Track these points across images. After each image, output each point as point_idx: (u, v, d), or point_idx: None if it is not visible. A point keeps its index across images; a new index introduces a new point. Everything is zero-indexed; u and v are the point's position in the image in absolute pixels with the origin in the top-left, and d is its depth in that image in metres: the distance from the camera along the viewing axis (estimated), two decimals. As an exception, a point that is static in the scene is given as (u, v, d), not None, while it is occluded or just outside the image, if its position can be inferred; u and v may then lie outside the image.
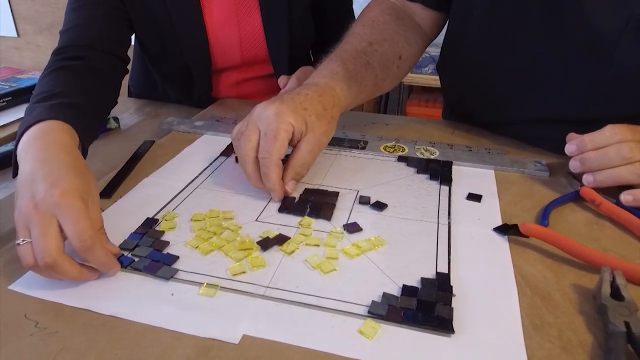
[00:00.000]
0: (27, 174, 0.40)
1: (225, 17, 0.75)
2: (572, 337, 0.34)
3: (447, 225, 0.47)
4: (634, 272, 0.39)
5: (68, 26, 0.66)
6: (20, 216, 0.38)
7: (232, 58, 0.79)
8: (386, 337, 0.34)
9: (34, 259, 0.36)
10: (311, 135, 0.50)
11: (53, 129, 0.46)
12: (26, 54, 2.19)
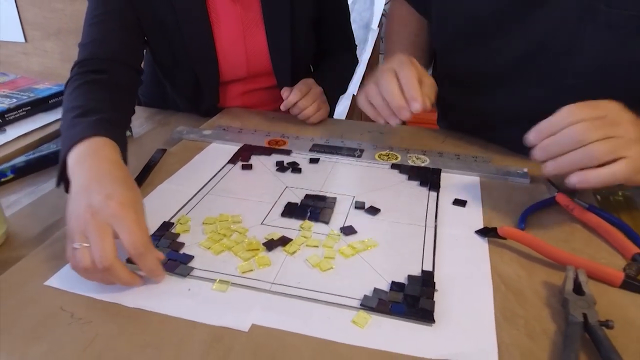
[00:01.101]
0: (83, 186, 0.45)
1: (232, 34, 0.81)
2: (537, 326, 0.39)
3: (433, 228, 0.52)
4: (596, 270, 0.44)
5: (88, 39, 0.71)
6: (77, 223, 0.42)
7: (238, 71, 0.84)
8: (375, 326, 0.39)
9: (91, 262, 0.40)
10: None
11: (101, 145, 0.51)
12: (34, 59, 2.24)
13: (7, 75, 0.98)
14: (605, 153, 0.45)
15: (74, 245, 0.42)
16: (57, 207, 0.59)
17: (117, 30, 0.72)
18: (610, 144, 0.45)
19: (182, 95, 0.87)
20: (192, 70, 0.81)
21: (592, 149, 0.45)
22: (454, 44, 0.71)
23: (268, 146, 0.71)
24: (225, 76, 0.83)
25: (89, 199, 0.43)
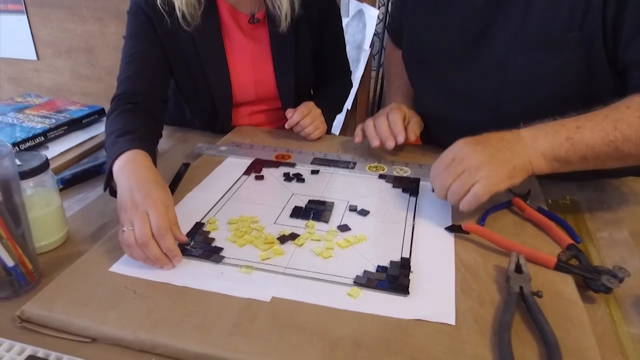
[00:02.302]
0: (127, 187, 0.60)
1: (244, 64, 0.94)
2: (487, 297, 0.52)
3: (412, 225, 0.65)
4: (536, 256, 0.57)
5: (124, 76, 0.85)
6: (125, 213, 0.57)
7: (247, 96, 0.98)
8: (365, 297, 0.52)
9: (134, 240, 0.55)
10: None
11: (137, 156, 0.66)
12: (45, 76, 2.36)
13: (42, 97, 1.11)
14: (461, 187, 0.61)
15: (123, 229, 0.56)
16: (103, 212, 0.72)
17: (148, 68, 0.86)
18: (461, 179, 0.61)
19: (200, 115, 1.00)
20: (210, 95, 0.94)
21: (452, 190, 0.62)
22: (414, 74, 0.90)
23: (276, 160, 0.84)
24: (236, 99, 0.97)
25: (133, 196, 0.59)
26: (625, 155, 0.63)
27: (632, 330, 0.51)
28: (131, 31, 0.89)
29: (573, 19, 0.67)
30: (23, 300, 0.52)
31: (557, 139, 0.63)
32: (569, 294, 0.53)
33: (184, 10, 0.86)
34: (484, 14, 0.74)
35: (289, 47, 0.95)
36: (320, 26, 0.99)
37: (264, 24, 0.95)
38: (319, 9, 0.98)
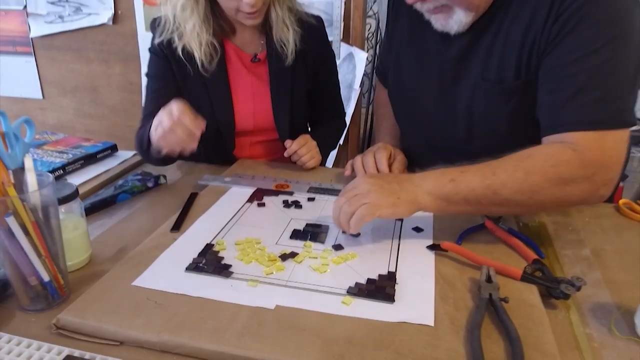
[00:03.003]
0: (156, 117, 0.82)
1: (245, 96, 1.08)
2: (461, 303, 0.60)
3: (397, 245, 0.73)
4: (505, 269, 0.66)
5: (147, 111, 1.03)
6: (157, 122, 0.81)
7: (247, 125, 1.10)
8: (356, 304, 0.59)
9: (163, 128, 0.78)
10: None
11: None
12: (49, 114, 2.46)
13: (57, 134, 1.20)
14: (349, 207, 0.70)
15: (157, 127, 0.81)
16: (122, 236, 0.80)
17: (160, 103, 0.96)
18: (350, 202, 0.71)
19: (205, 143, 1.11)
20: (215, 122, 1.07)
21: (343, 210, 0.71)
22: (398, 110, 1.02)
23: (275, 189, 0.93)
24: (238, 127, 1.09)
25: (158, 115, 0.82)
26: (504, 200, 0.70)
27: (587, 331, 0.59)
28: (153, 71, 1.06)
29: (519, 68, 0.79)
30: (55, 312, 0.59)
31: (443, 180, 0.72)
32: (532, 300, 0.62)
33: (202, 59, 0.99)
34: (455, 64, 0.86)
35: (285, 85, 1.08)
36: (316, 69, 1.13)
37: (264, 63, 1.09)
38: (316, 54, 1.11)
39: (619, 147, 0.72)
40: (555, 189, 0.70)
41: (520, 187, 0.70)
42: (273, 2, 1.00)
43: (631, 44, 0.71)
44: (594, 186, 0.71)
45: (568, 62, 0.72)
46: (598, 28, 0.70)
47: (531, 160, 0.71)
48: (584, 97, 0.72)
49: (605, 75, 0.71)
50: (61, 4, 2.19)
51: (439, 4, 0.78)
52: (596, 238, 0.81)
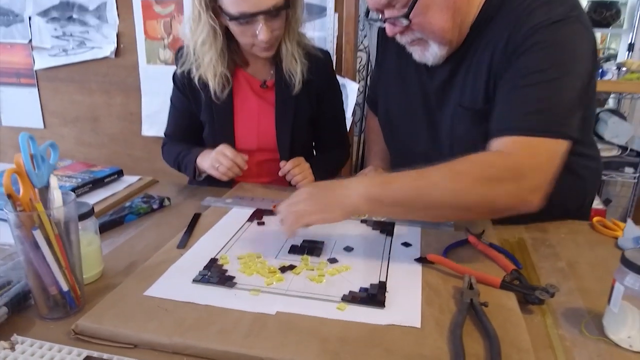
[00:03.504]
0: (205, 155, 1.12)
1: (250, 118, 1.20)
2: (445, 307, 0.66)
3: (387, 258, 0.80)
4: (486, 278, 0.72)
5: (168, 132, 1.30)
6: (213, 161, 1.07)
7: (250, 144, 1.21)
8: (350, 310, 0.65)
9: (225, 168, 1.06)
10: None
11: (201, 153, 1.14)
12: (51, 143, 2.52)
13: (65, 160, 1.27)
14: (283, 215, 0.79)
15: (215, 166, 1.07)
16: (130, 253, 0.85)
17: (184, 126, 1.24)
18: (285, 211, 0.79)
19: None
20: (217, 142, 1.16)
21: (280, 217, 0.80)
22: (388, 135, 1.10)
23: (274, 209, 0.99)
24: (240, 145, 1.19)
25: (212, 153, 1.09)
26: (433, 200, 0.74)
27: (560, 332, 0.65)
28: (173, 99, 1.27)
29: (488, 93, 0.87)
30: (72, 320, 0.64)
31: (375, 182, 0.77)
32: (510, 305, 0.68)
33: (215, 88, 1.12)
34: (437, 92, 0.94)
35: (289, 110, 1.19)
36: (319, 98, 1.23)
37: (272, 89, 1.21)
38: (321, 84, 1.22)
39: (549, 155, 0.76)
40: (481, 189, 0.73)
41: (447, 186, 0.73)
42: (284, 38, 1.12)
43: (576, 73, 0.79)
44: (520, 191, 0.74)
45: (516, 79, 0.80)
46: (546, 53, 0.78)
47: (461, 163, 0.75)
48: (524, 108, 0.78)
49: (548, 92, 0.78)
50: (65, 38, 2.29)
51: (415, 38, 0.87)
52: (571, 252, 0.88)
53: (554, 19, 0.79)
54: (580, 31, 0.80)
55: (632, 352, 0.61)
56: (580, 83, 0.80)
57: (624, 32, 2.57)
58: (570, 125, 0.79)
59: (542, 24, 0.79)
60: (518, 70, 0.80)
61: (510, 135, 0.78)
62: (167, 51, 2.16)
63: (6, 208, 0.61)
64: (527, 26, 0.79)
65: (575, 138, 0.79)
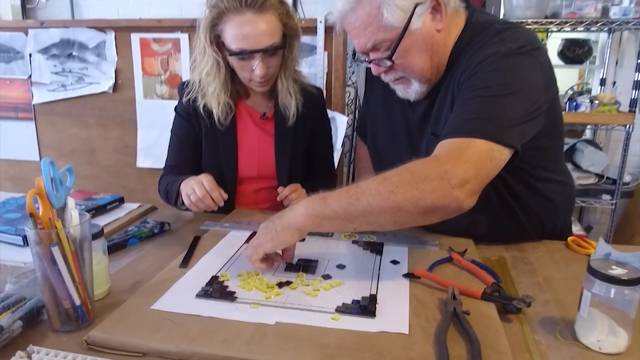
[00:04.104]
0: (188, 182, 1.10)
1: (251, 147, 1.27)
2: (431, 317, 0.72)
3: (377, 274, 0.86)
4: (468, 291, 0.78)
5: (168, 164, 1.31)
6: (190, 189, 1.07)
7: (251, 172, 1.28)
8: (344, 319, 0.71)
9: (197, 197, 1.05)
10: None
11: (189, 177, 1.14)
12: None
13: (67, 189, 1.32)
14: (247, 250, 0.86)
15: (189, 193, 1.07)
16: (134, 273, 0.90)
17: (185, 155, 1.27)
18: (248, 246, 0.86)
19: None
20: (221, 169, 1.24)
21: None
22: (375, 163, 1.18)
23: (270, 232, 1.05)
24: (241, 173, 1.26)
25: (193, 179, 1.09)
26: (367, 206, 0.76)
27: (536, 337, 0.71)
28: (175, 130, 1.31)
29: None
30: (82, 333, 0.69)
31: (315, 199, 0.81)
32: (490, 313, 0.74)
33: (219, 116, 1.19)
34: (418, 124, 1.03)
35: (288, 141, 1.27)
36: (313, 130, 1.33)
37: (271, 121, 1.29)
38: (314, 118, 1.32)
39: (479, 155, 0.78)
40: (407, 188, 0.75)
41: (377, 189, 0.77)
42: (280, 74, 1.22)
43: (522, 95, 0.85)
44: (446, 185, 0.75)
45: (463, 96, 0.88)
46: (493, 74, 0.86)
47: (392, 170, 0.80)
48: (463, 116, 0.85)
49: (490, 106, 0.84)
50: (65, 74, 2.37)
51: (398, 76, 0.97)
52: (547, 268, 0.95)
53: (504, 52, 0.87)
54: (530, 63, 0.88)
55: (602, 354, 0.67)
56: (527, 105, 0.85)
57: (596, 68, 2.73)
58: (509, 135, 0.81)
59: (495, 55, 0.87)
60: (466, 88, 0.88)
61: (445, 139, 0.82)
62: (163, 86, 2.25)
63: (27, 226, 0.66)
64: (480, 56, 0.89)
65: (516, 148, 0.82)
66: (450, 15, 0.94)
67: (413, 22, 0.89)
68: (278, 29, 1.13)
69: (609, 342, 0.68)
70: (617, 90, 2.52)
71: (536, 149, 0.94)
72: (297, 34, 1.20)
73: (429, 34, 0.92)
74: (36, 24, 2.33)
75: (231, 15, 1.09)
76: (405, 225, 0.82)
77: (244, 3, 1.08)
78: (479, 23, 0.95)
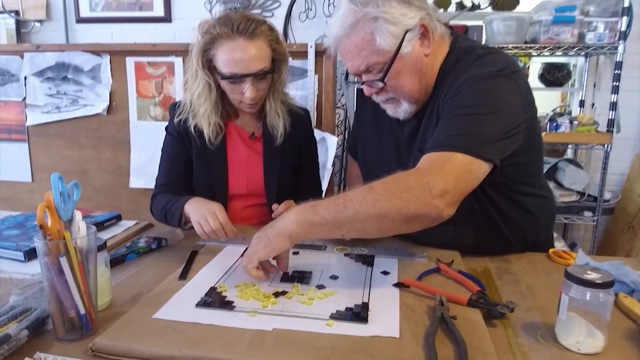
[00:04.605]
0: (198, 205, 1.12)
1: (241, 165, 1.31)
2: (420, 322, 0.76)
3: (369, 284, 0.90)
4: (455, 298, 0.83)
5: (160, 182, 1.31)
6: (200, 216, 1.08)
7: (241, 189, 1.31)
8: (338, 325, 0.74)
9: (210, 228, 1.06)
10: None
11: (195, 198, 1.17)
12: (37, 196, 2.57)
13: (64, 207, 1.34)
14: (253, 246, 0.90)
15: (201, 222, 1.07)
16: (134, 286, 0.93)
17: (177, 174, 1.28)
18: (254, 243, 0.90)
19: None
20: (212, 187, 1.28)
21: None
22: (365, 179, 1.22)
23: (265, 246, 1.09)
24: (232, 191, 1.29)
25: (202, 208, 1.11)
26: (353, 213, 0.81)
27: (519, 340, 0.75)
28: (167, 149, 1.33)
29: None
30: (86, 342, 0.72)
31: (305, 206, 0.85)
32: (475, 318, 0.78)
33: (210, 135, 1.23)
34: (407, 142, 1.09)
35: (276, 160, 1.31)
36: (300, 150, 1.38)
37: (260, 140, 1.33)
38: (301, 138, 1.37)
39: (459, 168, 0.84)
40: (391, 197, 0.81)
41: (362, 198, 0.82)
42: (269, 96, 1.27)
43: (500, 116, 0.91)
44: (426, 196, 0.80)
45: (446, 114, 0.94)
46: (474, 94, 0.93)
47: (378, 181, 0.85)
48: (445, 132, 0.91)
49: (470, 123, 0.90)
50: (59, 96, 2.41)
51: (389, 97, 1.03)
52: (530, 278, 1.00)
53: (485, 75, 0.94)
54: (509, 85, 0.95)
55: (581, 355, 0.72)
56: (506, 124, 0.91)
57: (576, 90, 2.85)
58: (488, 150, 0.87)
59: (476, 77, 0.94)
60: (449, 107, 0.94)
61: (428, 152, 0.88)
62: (157, 108, 2.30)
63: (36, 237, 0.70)
64: (462, 79, 0.96)
65: (494, 162, 0.88)
66: (437, 41, 1.01)
67: (403, 47, 0.95)
68: (268, 54, 1.19)
69: (587, 343, 0.72)
70: (595, 112, 2.62)
71: (517, 165, 1.01)
72: (285, 59, 1.26)
73: (418, 58, 0.99)
74: (32, 48, 2.38)
75: (223, 41, 1.15)
76: (389, 233, 0.87)
77: (236, 30, 1.13)
78: (463, 48, 1.03)
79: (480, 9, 2.53)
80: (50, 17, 3.07)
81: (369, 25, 0.94)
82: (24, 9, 3.04)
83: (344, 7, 0.97)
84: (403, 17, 0.95)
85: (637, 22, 2.40)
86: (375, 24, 0.94)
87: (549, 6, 2.20)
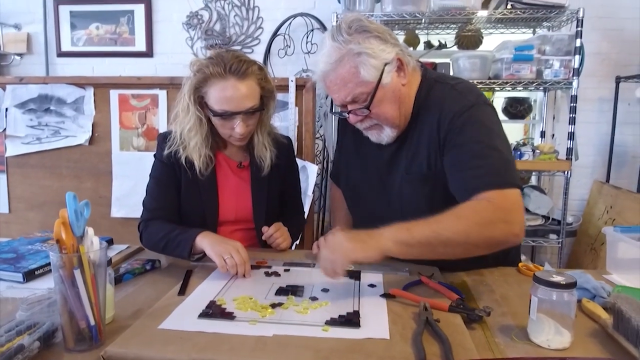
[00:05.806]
0: (217, 241, 1.14)
1: (230, 193, 1.36)
2: (407, 325, 0.83)
3: (358, 295, 0.97)
4: (437, 304, 0.91)
5: (150, 207, 1.28)
6: (223, 253, 1.08)
7: (229, 215, 1.36)
8: (333, 331, 0.81)
9: (234, 263, 1.06)
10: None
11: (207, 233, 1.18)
12: (14, 227, 2.53)
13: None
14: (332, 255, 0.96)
15: (225, 257, 1.07)
16: (135, 302, 0.97)
17: (170, 199, 1.30)
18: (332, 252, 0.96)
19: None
20: (203, 214, 1.31)
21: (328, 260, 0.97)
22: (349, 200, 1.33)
23: (257, 264, 1.15)
24: (222, 217, 1.34)
25: (224, 243, 1.12)
26: (446, 240, 0.93)
27: (496, 340, 0.83)
28: (157, 175, 1.34)
29: (429, 162, 1.12)
30: (95, 352, 0.76)
31: (401, 229, 0.95)
32: (456, 322, 0.86)
33: (200, 167, 1.27)
34: (389, 162, 1.19)
35: (263, 188, 1.36)
36: (285, 176, 1.45)
37: (247, 169, 1.39)
38: (285, 166, 1.45)
39: (516, 199, 0.99)
40: (481, 229, 0.94)
41: (456, 229, 0.94)
42: (257, 130, 1.33)
43: (501, 139, 1.06)
44: (509, 226, 0.96)
45: (464, 152, 1.06)
46: (475, 128, 1.05)
47: (461, 210, 0.97)
48: (480, 170, 1.02)
49: (490, 152, 1.03)
50: (40, 128, 2.43)
51: (373, 123, 1.13)
52: (503, 288, 1.09)
53: (468, 105, 1.07)
54: (490, 111, 1.10)
55: (550, 350, 0.80)
56: (507, 145, 1.07)
57: (537, 122, 3.06)
58: (517, 178, 1.03)
59: (462, 109, 1.07)
60: (461, 146, 1.06)
61: (484, 191, 0.99)
62: (140, 139, 2.35)
63: (51, 250, 0.75)
64: (450, 113, 1.07)
65: (520, 186, 1.03)
66: (411, 72, 1.13)
67: (384, 78, 1.07)
68: (257, 93, 1.26)
69: (556, 340, 0.81)
70: (556, 142, 2.82)
71: None
72: (273, 96, 1.35)
73: (397, 87, 1.10)
74: (15, 80, 2.41)
75: (216, 80, 1.21)
76: (472, 255, 1.00)
77: (228, 70, 1.20)
78: (433, 78, 1.17)
79: (447, 48, 2.73)
80: (30, 50, 3.11)
81: (353, 59, 1.05)
82: (4, 42, 3.07)
83: (328, 45, 1.08)
84: (382, 52, 1.07)
85: (589, 60, 2.64)
86: (359, 58, 1.05)
87: (509, 45, 2.40)
